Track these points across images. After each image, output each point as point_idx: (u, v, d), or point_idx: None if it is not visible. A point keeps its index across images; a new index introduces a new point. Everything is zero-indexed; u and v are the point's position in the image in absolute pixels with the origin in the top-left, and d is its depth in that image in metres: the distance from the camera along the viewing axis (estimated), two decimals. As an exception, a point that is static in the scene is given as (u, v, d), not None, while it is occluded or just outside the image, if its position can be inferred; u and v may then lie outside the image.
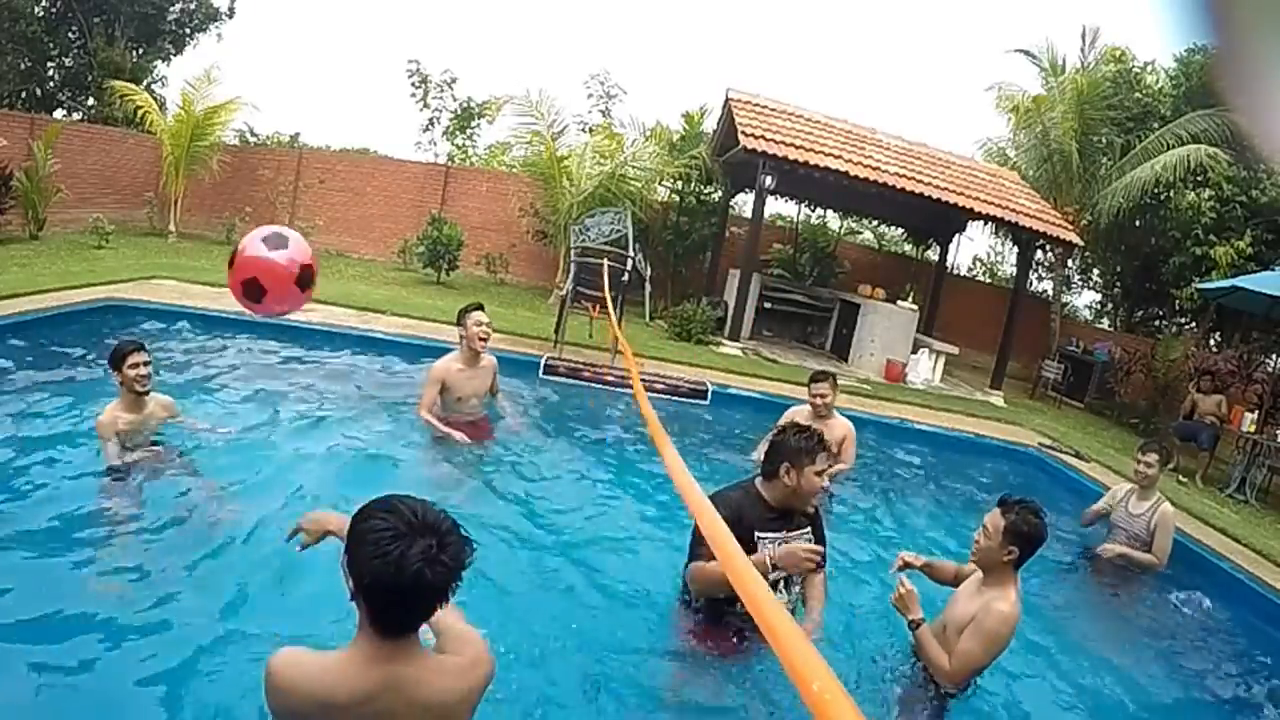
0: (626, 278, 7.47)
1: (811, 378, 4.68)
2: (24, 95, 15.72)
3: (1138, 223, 13.34)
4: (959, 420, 7.97)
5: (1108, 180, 12.78)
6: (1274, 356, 12.66)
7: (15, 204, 9.31)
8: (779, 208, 15.69)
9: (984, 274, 19.18)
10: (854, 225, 17.51)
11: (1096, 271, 17.40)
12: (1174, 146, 11.98)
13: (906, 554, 2.90)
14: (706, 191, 13.26)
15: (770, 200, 11.04)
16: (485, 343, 4.39)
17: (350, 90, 41.89)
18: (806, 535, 2.73)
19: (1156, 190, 12.07)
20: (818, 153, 9.83)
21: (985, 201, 10.50)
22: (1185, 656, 3.66)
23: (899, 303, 10.80)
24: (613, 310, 5.81)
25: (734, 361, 8.82)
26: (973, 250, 26.25)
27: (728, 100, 11.03)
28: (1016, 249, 13.27)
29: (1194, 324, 14.29)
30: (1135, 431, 10.16)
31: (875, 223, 16.92)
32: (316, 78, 41.57)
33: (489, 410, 4.70)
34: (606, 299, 6.15)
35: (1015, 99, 14.48)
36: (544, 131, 11.36)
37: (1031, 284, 16.44)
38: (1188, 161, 11.54)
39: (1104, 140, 13.24)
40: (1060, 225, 10.95)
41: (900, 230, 16.90)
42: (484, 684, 1.56)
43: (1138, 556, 4.29)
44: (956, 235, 13.38)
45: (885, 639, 2.91)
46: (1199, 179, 12.11)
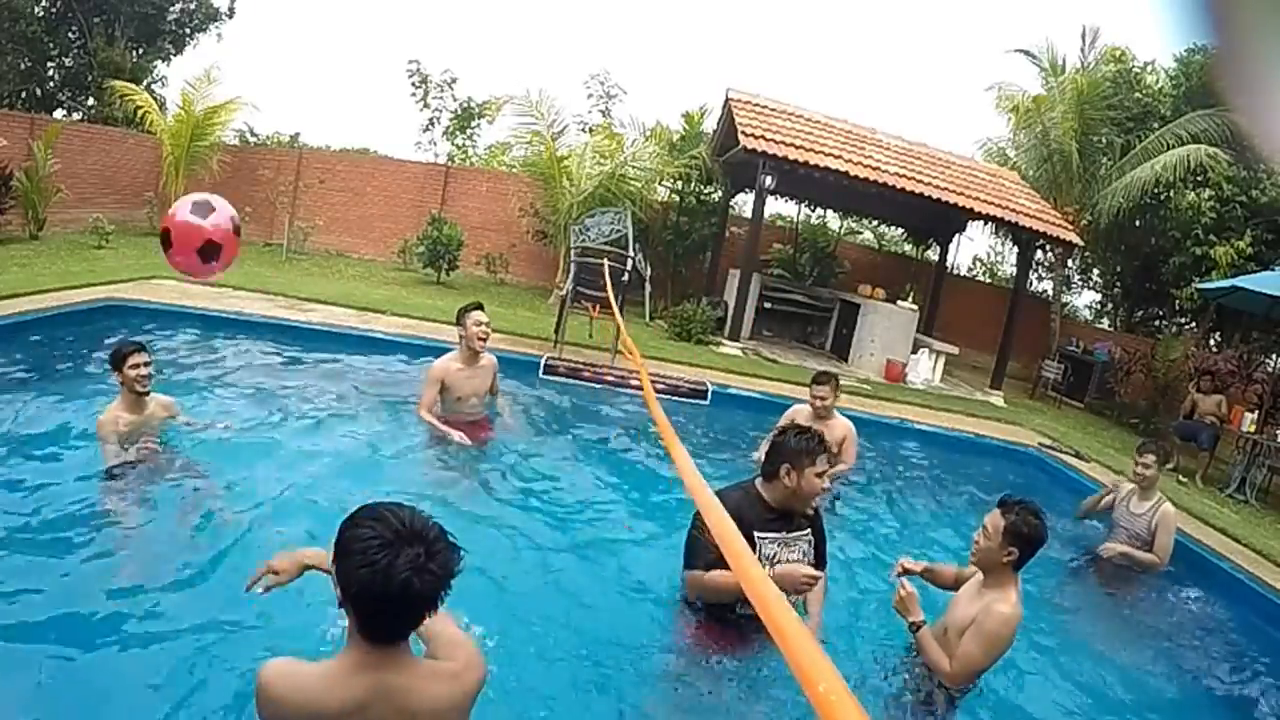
0: (626, 278, 7.46)
1: (813, 379, 4.68)
2: (24, 95, 15.70)
3: (1138, 223, 13.34)
4: (959, 420, 7.97)
5: (1108, 180, 12.77)
6: (1274, 356, 12.68)
7: (15, 204, 9.30)
8: (779, 208, 15.72)
9: (984, 274, 19.18)
10: (854, 225, 17.50)
11: (1096, 271, 17.40)
12: (1174, 146, 11.98)
13: (906, 560, 2.91)
14: (706, 191, 13.25)
15: (770, 200, 11.03)
16: (485, 342, 4.39)
17: (350, 90, 41.94)
18: (807, 536, 2.73)
19: (1156, 190, 12.07)
20: (818, 153, 9.83)
21: (985, 201, 10.49)
22: (1185, 656, 3.66)
23: (899, 303, 10.80)
24: (618, 312, 5.81)
25: (734, 361, 8.82)
26: (973, 250, 26.30)
27: (728, 100, 11.02)
28: (1016, 249, 13.27)
29: (1194, 324, 14.29)
30: (1135, 431, 10.15)
31: (875, 223, 16.92)
32: (316, 78, 41.58)
33: (489, 410, 4.70)
34: (611, 300, 6.13)
35: (1015, 99, 14.47)
36: (544, 131, 11.35)
37: (1031, 284, 16.44)
38: (1188, 161, 11.54)
39: (1104, 140, 13.24)
40: (1060, 225, 10.95)
41: (900, 230, 16.90)
42: (476, 689, 1.54)
43: (1139, 556, 4.30)
44: (956, 235, 13.38)
45: (886, 639, 2.91)
46: (1199, 179, 12.11)
